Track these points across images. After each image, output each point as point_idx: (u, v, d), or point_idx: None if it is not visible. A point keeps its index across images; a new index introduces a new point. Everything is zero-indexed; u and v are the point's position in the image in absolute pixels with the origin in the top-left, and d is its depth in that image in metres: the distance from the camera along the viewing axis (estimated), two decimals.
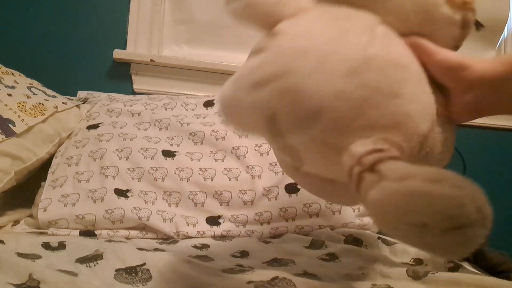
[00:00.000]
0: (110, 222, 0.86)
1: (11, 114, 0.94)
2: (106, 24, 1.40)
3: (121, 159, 0.97)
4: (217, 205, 0.93)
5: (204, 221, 0.91)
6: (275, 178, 0.96)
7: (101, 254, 0.64)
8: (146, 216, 0.86)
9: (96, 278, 0.56)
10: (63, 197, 0.89)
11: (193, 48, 1.46)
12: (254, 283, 0.53)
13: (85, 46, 1.39)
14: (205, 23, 1.45)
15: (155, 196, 0.92)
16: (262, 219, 0.92)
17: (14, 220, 0.90)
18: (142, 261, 0.61)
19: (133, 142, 1.01)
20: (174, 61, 1.38)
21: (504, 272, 0.75)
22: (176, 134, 1.05)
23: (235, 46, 1.46)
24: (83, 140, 1.03)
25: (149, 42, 1.41)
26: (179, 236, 0.87)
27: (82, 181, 0.92)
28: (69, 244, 0.70)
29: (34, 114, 0.99)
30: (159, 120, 1.08)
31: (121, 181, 0.93)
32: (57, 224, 0.86)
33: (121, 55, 1.36)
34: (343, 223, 0.94)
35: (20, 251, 0.62)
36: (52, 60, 1.37)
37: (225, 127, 1.05)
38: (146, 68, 1.39)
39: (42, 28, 1.36)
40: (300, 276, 0.57)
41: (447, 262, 0.66)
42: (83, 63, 1.39)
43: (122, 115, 1.12)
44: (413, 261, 0.71)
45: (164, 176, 0.94)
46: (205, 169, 0.96)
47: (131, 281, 0.56)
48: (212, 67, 1.39)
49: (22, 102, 0.99)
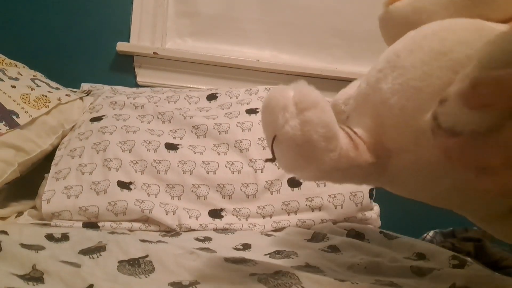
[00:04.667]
0: (113, 214, 0.86)
1: (14, 105, 0.94)
2: (110, 16, 1.39)
3: (124, 151, 0.97)
4: (219, 198, 0.93)
5: (206, 214, 0.91)
6: (278, 172, 0.96)
7: (104, 245, 0.64)
8: (149, 209, 0.87)
9: (99, 269, 0.56)
10: (66, 189, 0.89)
11: (196, 41, 1.45)
12: (257, 276, 0.53)
13: (89, 38, 1.38)
14: (209, 16, 1.45)
15: (158, 188, 0.92)
16: (264, 212, 0.93)
17: (17, 212, 0.90)
18: (145, 253, 0.61)
19: (136, 134, 1.01)
20: (178, 54, 1.38)
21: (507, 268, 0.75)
22: (179, 127, 1.05)
23: (239, 39, 1.45)
24: (87, 132, 1.03)
25: (153, 35, 1.40)
26: (182, 229, 0.87)
27: (85, 173, 0.92)
28: (72, 236, 0.70)
29: (38, 106, 0.99)
30: (162, 113, 1.08)
31: (124, 173, 0.93)
32: (61, 215, 0.86)
33: (125, 48, 1.36)
34: (346, 218, 0.94)
35: (23, 242, 0.62)
36: (56, 52, 1.36)
37: (228, 120, 1.05)
38: (149, 61, 1.39)
39: (46, 20, 1.36)
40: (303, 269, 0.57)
41: (452, 259, 0.65)
42: (87, 55, 1.38)
43: (125, 107, 1.12)
44: (415, 255, 0.71)
45: (167, 169, 0.94)
46: (208, 162, 0.96)
47: (134, 272, 0.56)
48: (216, 60, 1.38)
49: (25, 94, 0.99)
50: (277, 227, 0.91)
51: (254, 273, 0.54)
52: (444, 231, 0.96)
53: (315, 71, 1.43)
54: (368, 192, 0.97)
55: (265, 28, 1.46)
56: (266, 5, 1.46)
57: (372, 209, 0.99)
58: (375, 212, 0.99)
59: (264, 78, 1.41)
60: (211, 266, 0.58)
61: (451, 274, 0.57)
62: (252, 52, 1.45)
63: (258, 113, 1.07)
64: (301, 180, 0.94)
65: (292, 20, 1.48)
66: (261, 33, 1.47)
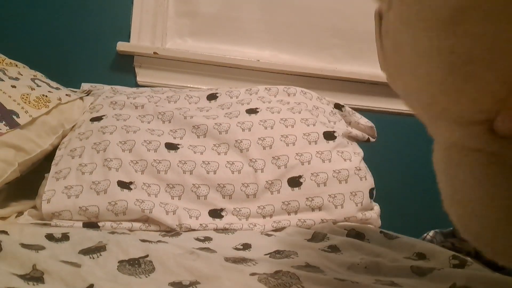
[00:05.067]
0: (113, 214, 0.86)
1: (15, 105, 0.94)
2: (110, 16, 1.40)
3: (124, 151, 0.97)
4: (219, 198, 0.93)
5: (206, 214, 0.91)
6: (278, 171, 0.96)
7: (104, 245, 0.64)
8: (149, 209, 0.87)
9: (99, 269, 0.56)
10: (66, 188, 0.89)
11: (196, 41, 1.45)
12: (257, 276, 0.53)
13: (89, 38, 1.39)
14: (209, 16, 1.45)
15: (158, 188, 0.92)
16: (264, 212, 0.93)
17: (18, 211, 0.90)
18: (145, 252, 0.61)
19: (136, 134, 1.01)
20: (178, 54, 1.38)
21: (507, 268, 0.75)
22: (179, 127, 1.05)
23: (239, 39, 1.46)
24: (87, 132, 1.03)
25: (153, 35, 1.40)
26: (182, 229, 0.87)
27: (85, 173, 0.92)
28: (72, 236, 0.70)
29: (38, 106, 0.99)
30: (162, 113, 1.08)
31: (124, 173, 0.93)
32: (61, 215, 0.86)
33: (125, 48, 1.36)
34: (346, 217, 0.94)
35: (24, 242, 0.63)
36: (56, 52, 1.37)
37: (229, 120, 1.05)
38: (149, 61, 1.39)
39: (46, 20, 1.36)
40: (303, 269, 0.57)
41: (452, 259, 0.65)
42: (87, 55, 1.38)
43: (126, 107, 1.12)
44: (415, 255, 0.71)
45: (167, 169, 0.94)
46: (208, 162, 0.96)
47: (134, 272, 0.56)
48: (216, 60, 1.38)
49: (26, 93, 0.99)
50: (277, 227, 0.91)
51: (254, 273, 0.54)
52: (444, 231, 0.96)
53: (315, 71, 1.43)
54: (368, 192, 0.97)
55: (265, 28, 1.47)
56: (266, 5, 1.46)
57: (372, 209, 0.99)
58: (375, 212, 0.99)
59: (264, 78, 1.41)
60: (211, 266, 0.58)
61: (452, 274, 0.57)
62: (252, 52, 1.45)
63: (258, 113, 1.07)
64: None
65: (292, 20, 1.48)
66: (261, 33, 1.47)
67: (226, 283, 0.52)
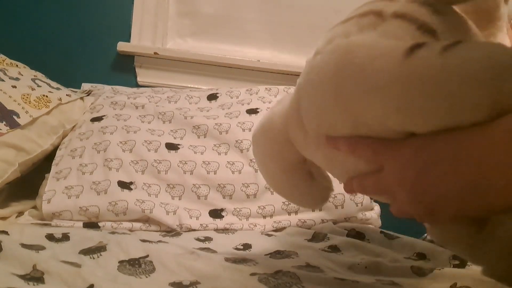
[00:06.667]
0: (114, 214, 0.86)
1: (15, 105, 0.94)
2: (111, 16, 1.40)
3: (124, 151, 0.97)
4: (220, 198, 0.93)
5: (207, 214, 0.91)
6: None
7: (104, 245, 0.64)
8: (150, 209, 0.87)
9: (99, 269, 0.56)
10: (67, 189, 0.89)
11: (197, 41, 1.45)
12: (257, 275, 0.53)
13: (89, 38, 1.39)
14: (209, 16, 1.45)
15: (159, 188, 0.92)
16: (265, 212, 0.93)
17: (18, 211, 0.90)
18: (145, 253, 0.61)
19: (136, 134, 1.01)
20: (178, 54, 1.38)
21: None
22: (179, 127, 1.05)
23: (239, 39, 1.45)
24: (87, 132, 1.03)
25: (153, 35, 1.40)
26: (182, 229, 0.87)
27: (86, 173, 0.92)
28: (72, 236, 0.70)
29: (39, 106, 0.99)
30: (162, 113, 1.08)
31: (124, 173, 0.93)
32: (61, 215, 0.86)
33: (125, 48, 1.36)
34: (346, 218, 0.94)
35: (24, 242, 0.62)
36: (57, 52, 1.37)
37: (229, 120, 1.05)
38: (150, 61, 1.39)
39: (47, 20, 1.36)
40: (303, 269, 0.57)
41: (452, 259, 0.65)
42: (87, 55, 1.39)
43: (126, 107, 1.12)
44: (416, 255, 0.71)
45: (167, 169, 0.94)
46: (209, 162, 0.96)
47: (135, 272, 0.56)
48: (216, 60, 1.38)
49: (26, 94, 0.99)
50: (278, 227, 0.91)
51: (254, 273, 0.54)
52: None
53: None
54: None
55: (265, 28, 1.46)
56: (266, 5, 1.46)
57: (372, 209, 0.99)
58: (376, 212, 0.99)
59: (264, 78, 1.41)
60: (211, 266, 0.58)
61: (452, 274, 0.56)
62: (252, 52, 1.45)
63: (259, 113, 1.07)
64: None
65: (292, 20, 1.48)
66: (261, 33, 1.47)
67: (227, 283, 0.52)
